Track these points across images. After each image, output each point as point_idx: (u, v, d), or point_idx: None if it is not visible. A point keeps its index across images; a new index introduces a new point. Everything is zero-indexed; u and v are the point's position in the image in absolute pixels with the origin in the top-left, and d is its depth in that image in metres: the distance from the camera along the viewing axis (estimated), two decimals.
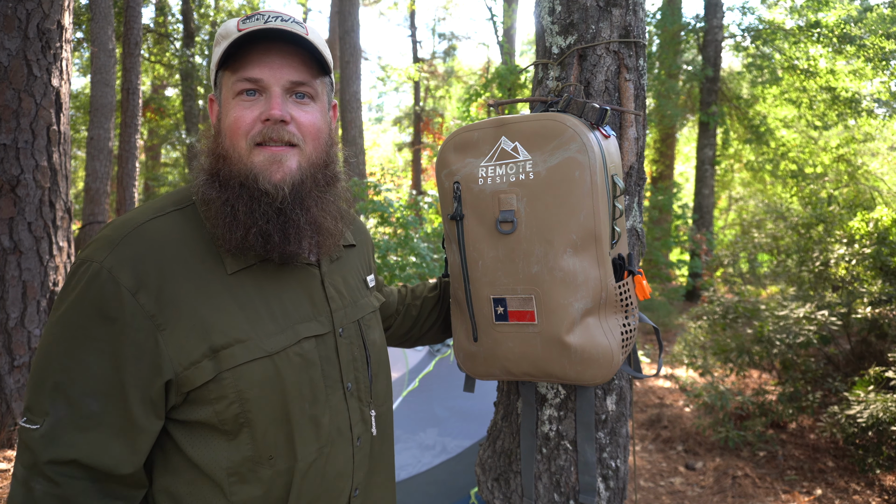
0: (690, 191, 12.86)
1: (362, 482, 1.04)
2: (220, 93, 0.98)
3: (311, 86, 0.97)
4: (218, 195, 0.92)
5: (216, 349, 0.87)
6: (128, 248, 0.86)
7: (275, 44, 0.93)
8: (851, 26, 9.24)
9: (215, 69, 0.97)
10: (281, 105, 0.92)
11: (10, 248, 3.40)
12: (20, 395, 3.41)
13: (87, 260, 0.86)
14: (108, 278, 0.84)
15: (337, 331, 1.02)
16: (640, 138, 1.39)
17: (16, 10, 3.39)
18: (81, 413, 0.84)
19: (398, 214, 6.00)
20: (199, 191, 0.94)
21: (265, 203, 0.91)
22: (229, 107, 0.94)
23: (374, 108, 23.72)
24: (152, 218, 0.91)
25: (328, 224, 0.99)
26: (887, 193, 9.98)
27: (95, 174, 6.92)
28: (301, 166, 0.95)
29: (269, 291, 0.95)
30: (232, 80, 0.94)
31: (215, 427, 0.89)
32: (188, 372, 0.86)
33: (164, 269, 0.87)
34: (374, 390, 1.08)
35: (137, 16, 7.47)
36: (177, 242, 0.90)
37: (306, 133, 0.95)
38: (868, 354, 4.25)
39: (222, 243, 0.91)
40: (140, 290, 0.85)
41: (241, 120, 0.92)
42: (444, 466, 2.54)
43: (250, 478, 0.90)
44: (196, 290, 0.88)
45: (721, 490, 3.52)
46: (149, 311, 0.85)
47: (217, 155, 0.94)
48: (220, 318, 0.89)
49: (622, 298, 1.16)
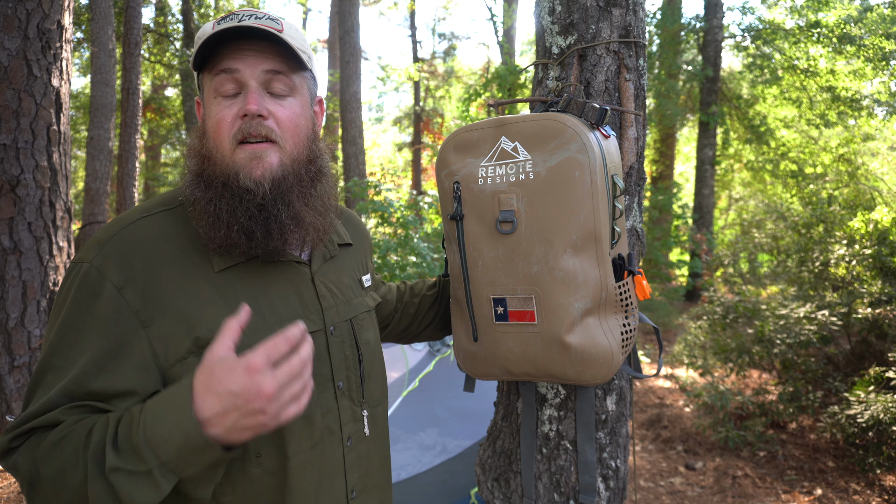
0: (690, 191, 12.86)
1: (358, 484, 1.03)
2: (203, 95, 0.99)
3: (289, 77, 0.97)
4: (202, 194, 0.93)
5: (201, 345, 0.88)
6: (115, 247, 0.88)
7: (249, 41, 0.94)
8: (851, 26, 9.24)
9: (196, 72, 0.99)
10: (258, 100, 0.92)
11: (10, 248, 3.40)
12: (20, 395, 3.41)
13: (78, 262, 0.89)
14: (96, 276, 0.86)
15: (328, 329, 1.02)
16: (640, 138, 1.39)
17: (16, 10, 3.39)
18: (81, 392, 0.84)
19: (398, 214, 6.01)
20: (186, 191, 0.95)
21: (247, 200, 0.92)
22: (211, 107, 0.95)
23: (374, 108, 23.73)
24: (140, 218, 0.93)
25: (312, 218, 0.99)
26: (887, 193, 9.98)
27: (95, 174, 6.92)
28: (282, 162, 0.95)
29: (256, 289, 0.95)
30: (210, 78, 0.95)
31: None
32: (174, 368, 0.87)
33: (150, 266, 0.88)
34: (367, 390, 1.07)
35: (137, 16, 7.47)
36: (163, 241, 0.91)
37: (285, 128, 0.95)
38: (868, 354, 4.25)
39: (207, 241, 0.92)
40: (126, 286, 0.86)
41: (222, 120, 0.93)
42: (444, 466, 2.54)
43: (238, 477, 0.90)
44: (182, 287, 0.89)
45: (721, 490, 3.52)
46: (134, 307, 0.86)
47: (202, 155, 0.96)
48: (206, 315, 0.89)
49: (622, 298, 1.16)
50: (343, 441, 1.01)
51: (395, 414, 2.74)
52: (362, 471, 1.04)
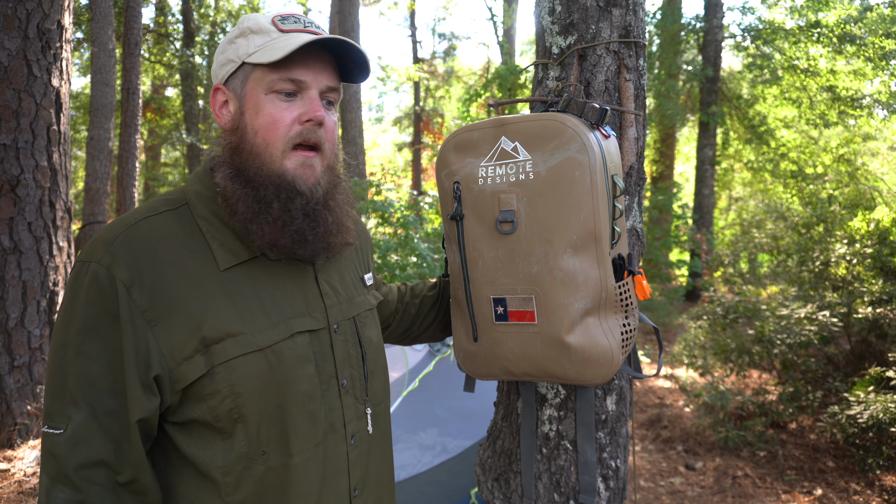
0: (690, 191, 12.87)
1: (360, 482, 1.04)
2: (242, 85, 0.97)
3: (338, 90, 1.02)
4: (249, 192, 0.93)
5: (208, 343, 0.88)
6: (122, 246, 0.88)
7: (315, 49, 0.96)
8: (851, 26, 9.24)
9: (242, 62, 0.96)
10: (322, 108, 0.96)
11: (10, 248, 3.40)
12: (20, 395, 3.41)
13: (85, 261, 0.88)
14: (105, 275, 0.86)
15: (331, 327, 1.02)
16: (640, 138, 1.39)
17: (16, 10, 3.40)
18: (103, 411, 0.85)
19: (398, 214, 6.01)
20: (224, 184, 0.94)
21: (301, 203, 0.95)
22: (262, 103, 0.95)
23: (374, 108, 23.74)
24: (145, 217, 0.93)
25: (348, 223, 1.03)
26: (887, 193, 9.98)
27: (95, 174, 6.92)
28: (323, 169, 0.99)
29: (261, 287, 0.96)
30: (270, 77, 0.94)
31: (210, 425, 0.90)
32: (181, 367, 0.87)
33: (156, 265, 0.88)
34: (370, 388, 1.08)
35: (137, 16, 7.47)
36: (169, 240, 0.91)
37: (329, 137, 0.99)
38: (868, 354, 4.25)
39: (251, 237, 0.93)
40: (133, 285, 0.86)
41: (280, 120, 0.94)
42: (444, 466, 2.54)
43: (244, 475, 0.91)
44: (188, 286, 0.89)
45: (721, 490, 3.52)
46: (141, 307, 0.86)
47: (244, 151, 0.95)
48: (212, 313, 0.89)
49: (622, 298, 1.16)
50: (346, 439, 1.01)
51: (395, 414, 2.74)
52: (365, 468, 1.05)
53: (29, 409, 3.42)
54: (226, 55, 0.98)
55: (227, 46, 0.98)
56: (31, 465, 3.19)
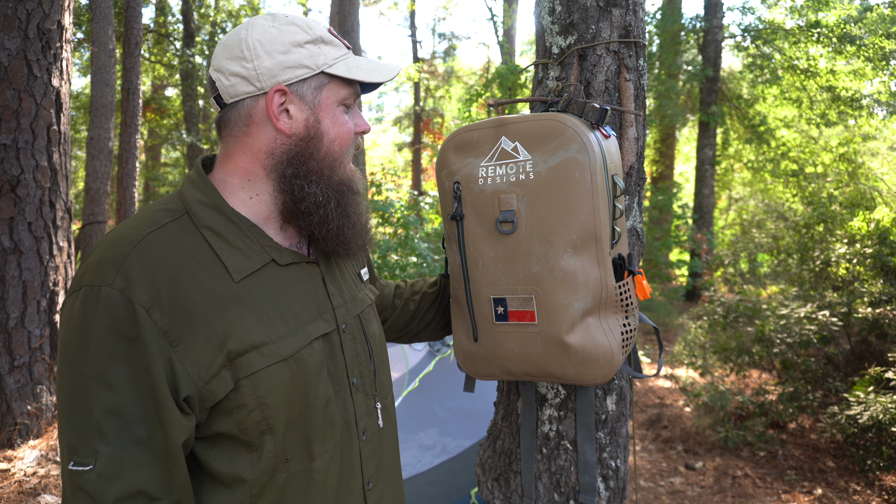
0: (690, 191, 12.86)
1: (374, 475, 1.05)
2: (315, 93, 0.97)
3: None
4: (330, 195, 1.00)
5: (232, 357, 0.86)
6: (134, 266, 0.84)
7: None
8: (851, 26, 9.24)
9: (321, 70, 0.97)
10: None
11: (10, 248, 3.40)
12: (20, 395, 3.41)
13: (94, 286, 0.83)
14: (121, 299, 0.81)
15: (340, 327, 1.02)
16: (640, 138, 1.39)
17: (16, 10, 3.39)
18: (134, 440, 0.82)
19: (398, 214, 6.01)
20: (309, 190, 0.97)
21: (355, 202, 1.04)
22: (335, 114, 1.00)
23: (374, 108, 23.74)
24: (151, 232, 0.88)
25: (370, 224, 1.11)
26: (887, 193, 9.98)
27: (95, 174, 6.92)
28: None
29: (276, 294, 0.95)
30: (346, 91, 1.01)
31: (237, 438, 0.88)
32: (210, 385, 0.85)
33: (172, 283, 0.85)
34: (378, 383, 1.09)
35: (137, 16, 7.46)
36: (180, 255, 0.88)
37: None
38: (868, 354, 4.25)
39: (327, 242, 1.00)
40: (153, 306, 0.83)
41: (350, 131, 1.03)
42: (444, 466, 2.54)
43: (269, 485, 0.90)
44: (206, 301, 0.87)
45: (721, 490, 3.52)
46: (162, 328, 0.83)
47: (318, 157, 0.99)
48: (234, 327, 0.88)
49: (622, 298, 1.16)
50: (359, 435, 1.02)
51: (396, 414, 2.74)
52: (377, 462, 1.06)
53: (29, 409, 3.42)
54: (294, 58, 0.94)
55: (295, 49, 0.95)
56: (31, 465, 3.19)
